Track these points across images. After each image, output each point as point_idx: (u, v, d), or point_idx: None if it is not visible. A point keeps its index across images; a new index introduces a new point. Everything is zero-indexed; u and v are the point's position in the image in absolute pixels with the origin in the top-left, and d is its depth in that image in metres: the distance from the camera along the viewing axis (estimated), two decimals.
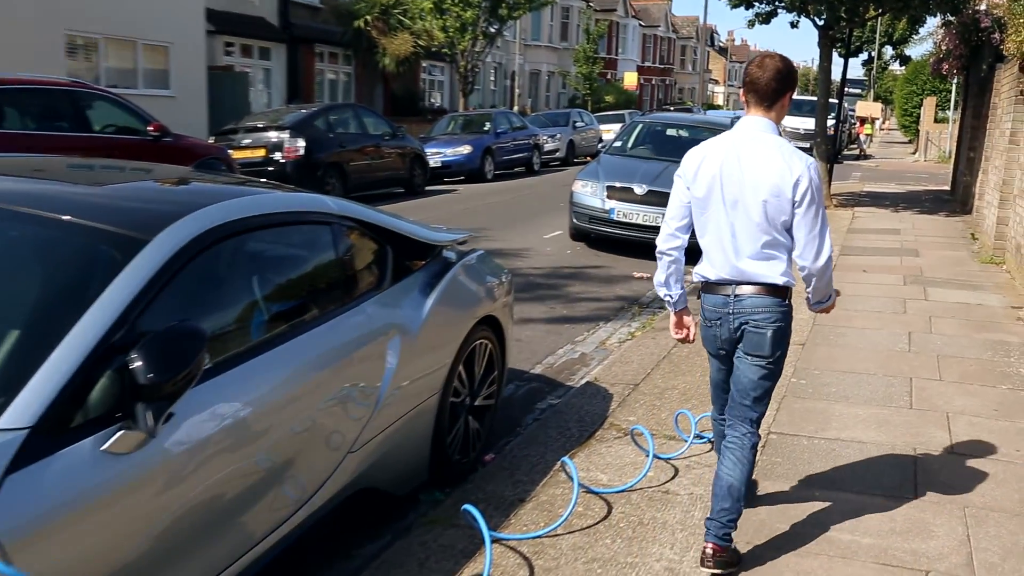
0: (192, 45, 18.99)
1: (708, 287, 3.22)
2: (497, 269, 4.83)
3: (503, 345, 4.56)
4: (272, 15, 23.93)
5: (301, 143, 13.71)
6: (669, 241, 3.27)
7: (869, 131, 33.16)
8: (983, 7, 13.60)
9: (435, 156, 18.81)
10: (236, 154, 13.27)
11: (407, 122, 22.74)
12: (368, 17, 25.50)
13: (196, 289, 2.72)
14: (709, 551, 3.14)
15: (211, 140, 14.35)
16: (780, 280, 3.08)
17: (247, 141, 13.93)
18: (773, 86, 3.10)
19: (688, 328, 3.42)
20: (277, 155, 13.65)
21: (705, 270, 3.22)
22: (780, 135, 3.16)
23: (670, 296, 3.36)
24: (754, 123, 3.13)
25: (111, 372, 2.26)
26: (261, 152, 13.73)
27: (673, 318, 3.43)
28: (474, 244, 5.14)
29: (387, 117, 19.33)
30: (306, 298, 3.28)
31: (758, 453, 3.34)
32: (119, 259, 2.51)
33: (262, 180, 4.10)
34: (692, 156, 3.22)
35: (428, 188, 17.39)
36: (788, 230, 3.07)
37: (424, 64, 31.14)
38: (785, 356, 3.20)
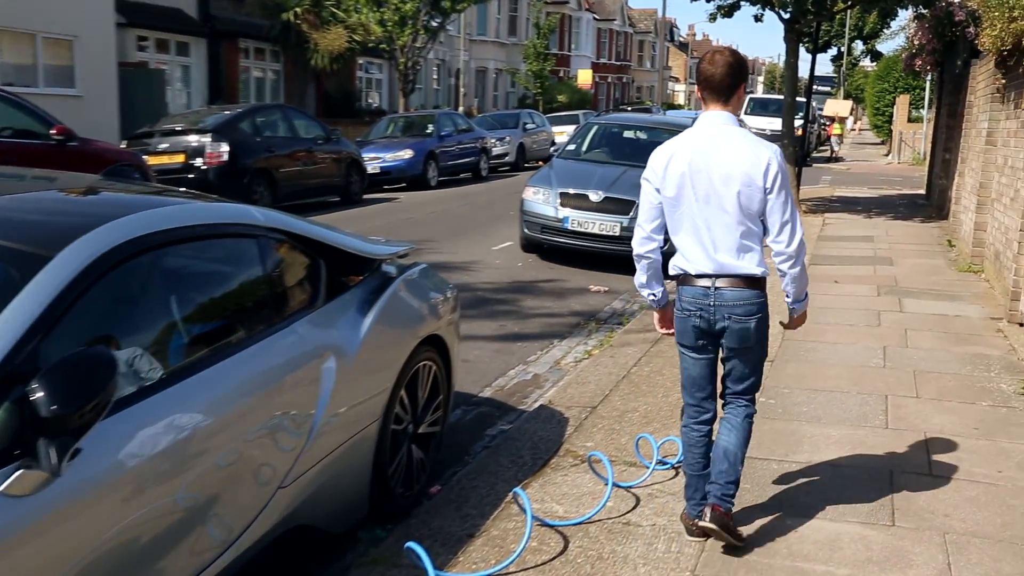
0: (100, 39, 18.69)
1: (686, 279, 3.51)
2: (442, 284, 4.84)
3: (449, 367, 4.56)
4: (191, 6, 23.71)
5: (224, 148, 13.58)
6: (644, 244, 3.58)
7: (839, 131, 33.85)
8: (957, 0, 14.02)
9: (373, 161, 18.78)
10: (151, 160, 13.09)
11: (342, 124, 22.62)
12: (298, 9, 25.39)
13: (106, 311, 2.68)
14: (708, 510, 3.54)
15: (123, 144, 14.16)
16: (758, 271, 3.43)
17: (164, 146, 13.76)
18: (727, 81, 3.45)
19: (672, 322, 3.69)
20: (198, 161, 13.51)
21: (683, 264, 3.52)
22: (741, 126, 3.53)
23: (654, 295, 3.69)
24: (715, 118, 3.48)
25: (8, 404, 2.21)
26: (180, 158, 13.57)
27: (658, 315, 3.80)
28: (416, 257, 5.14)
29: (320, 119, 19.24)
30: (231, 319, 3.25)
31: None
32: (17, 278, 2.47)
33: (181, 189, 4.06)
34: (658, 157, 3.54)
35: (366, 196, 17.34)
36: (760, 219, 3.42)
37: (360, 61, 31.07)
38: (767, 341, 3.58)
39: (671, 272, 3.58)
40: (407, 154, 19.61)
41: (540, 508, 3.99)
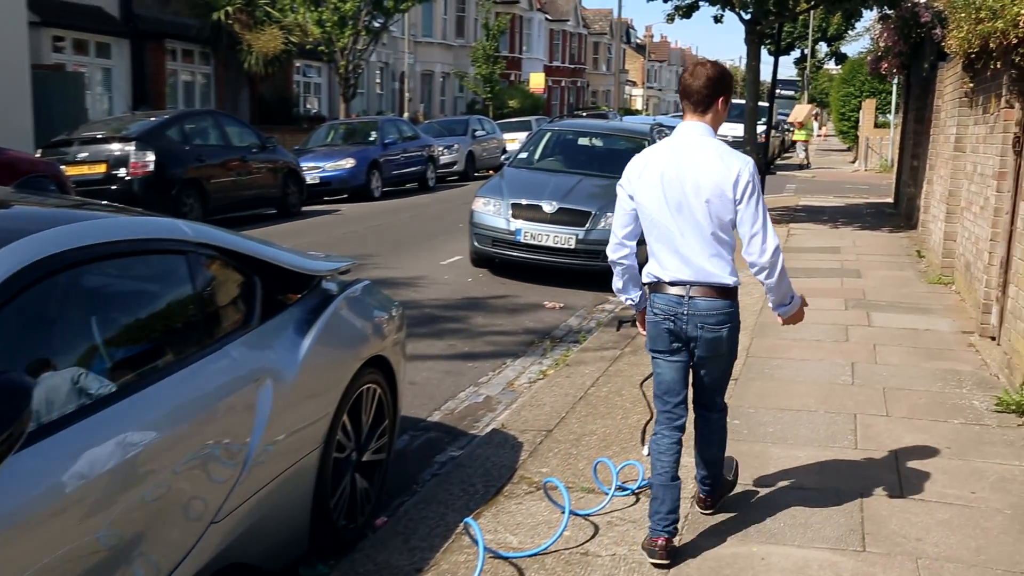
0: (10, 39, 18.32)
1: (659, 286, 3.80)
2: (386, 302, 4.83)
3: (395, 390, 4.56)
4: (112, 5, 23.44)
5: (150, 157, 13.44)
6: (618, 251, 3.91)
7: (804, 137, 34.29)
8: (922, 0, 14.36)
9: (312, 171, 18.70)
10: (69, 170, 12.86)
11: (279, 132, 22.49)
12: (229, 8, 25.23)
13: (19, 334, 2.64)
14: (697, 501, 4.26)
15: (38, 154, 13.91)
16: (730, 280, 3.71)
17: (83, 155, 13.58)
18: (704, 92, 3.75)
19: None
20: (121, 171, 13.35)
21: (656, 271, 3.81)
22: (715, 135, 3.81)
23: (631, 300, 4.02)
24: (691, 128, 3.79)
25: None
26: (101, 168, 13.40)
27: (639, 317, 4.10)
28: (359, 273, 5.12)
29: (255, 126, 19.12)
30: (158, 341, 3.22)
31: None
32: None
33: (102, 202, 4.01)
34: (633, 165, 3.85)
35: (305, 209, 17.25)
36: (732, 228, 3.71)
37: (298, 64, 30.95)
38: (736, 348, 3.89)
39: (644, 279, 3.89)
40: (349, 163, 19.55)
41: (493, 539, 3.99)
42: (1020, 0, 6.26)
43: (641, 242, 3.85)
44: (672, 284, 3.73)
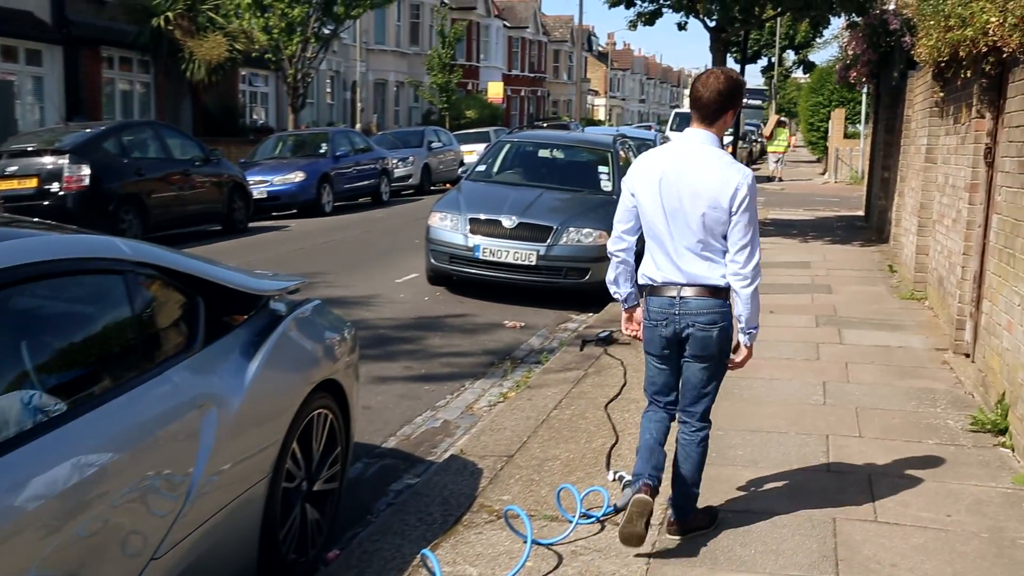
0: None
1: (653, 289, 4.09)
2: (338, 323, 4.82)
3: (348, 415, 4.54)
4: (43, 9, 23.18)
5: (86, 171, 13.29)
6: (616, 243, 4.21)
7: (781, 147, 34.49)
8: (891, 7, 14.62)
9: (260, 185, 18.61)
10: None
11: (224, 144, 22.35)
12: (169, 14, 25.05)
13: None
14: (671, 522, 4.32)
15: None
16: (721, 282, 3.97)
17: (13, 168, 13.42)
18: (713, 106, 3.99)
19: (640, 324, 4.24)
20: (54, 186, 13.19)
21: (651, 272, 4.09)
22: (721, 147, 4.06)
23: (619, 294, 4.28)
24: (696, 135, 4.04)
25: None
26: (32, 182, 13.24)
27: (624, 315, 4.37)
28: (309, 293, 5.10)
29: (198, 137, 19.01)
30: (93, 367, 3.18)
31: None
32: None
33: (33, 219, 3.96)
34: (638, 163, 4.15)
35: (252, 225, 17.15)
36: (725, 237, 3.95)
37: (244, 72, 30.81)
38: (725, 360, 4.13)
39: (640, 281, 4.17)
40: (298, 177, 19.46)
41: (452, 571, 3.98)
42: (990, 8, 6.39)
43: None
44: (665, 285, 4.03)
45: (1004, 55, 6.41)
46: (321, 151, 21.04)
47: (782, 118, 39.77)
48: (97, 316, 3.32)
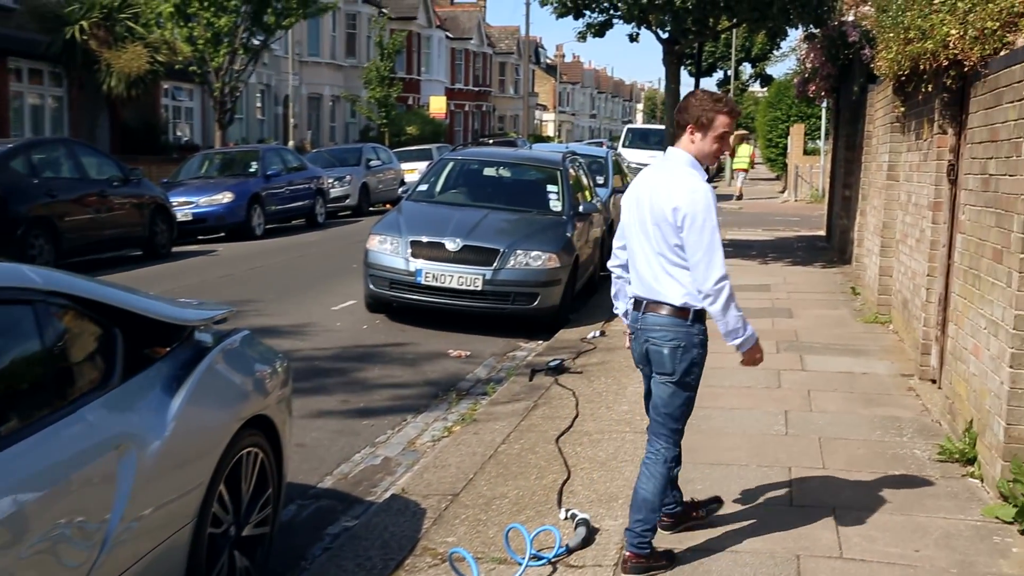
0: None
1: (634, 303, 4.47)
2: (269, 354, 4.78)
3: (280, 453, 4.50)
4: None
5: None
6: (613, 260, 4.70)
7: (743, 164, 34.87)
8: (850, 18, 14.90)
9: (184, 207, 18.48)
10: None
11: (144, 162, 22.12)
12: (84, 23, 24.78)
13: None
14: (626, 558, 4.39)
15: None
16: (679, 301, 4.28)
17: None
18: (677, 123, 4.42)
19: None
20: None
21: (631, 287, 4.51)
22: (690, 164, 4.35)
23: (617, 309, 4.73)
24: (670, 153, 4.48)
25: None
26: None
27: (627, 330, 4.62)
28: (238, 322, 5.06)
29: (116, 156, 18.82)
30: None
31: (674, 468, 4.56)
32: None
33: None
34: (634, 181, 4.59)
35: (176, 250, 16.99)
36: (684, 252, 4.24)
37: (166, 86, 30.58)
38: (692, 377, 4.37)
39: (629, 295, 4.58)
40: (226, 198, 19.33)
41: None
42: (950, 20, 6.54)
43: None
44: (636, 300, 4.44)
45: (965, 69, 6.56)
46: (251, 170, 20.94)
47: (743, 133, 40.32)
48: (3, 350, 3.25)
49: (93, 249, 14.99)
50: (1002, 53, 5.92)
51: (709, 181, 4.37)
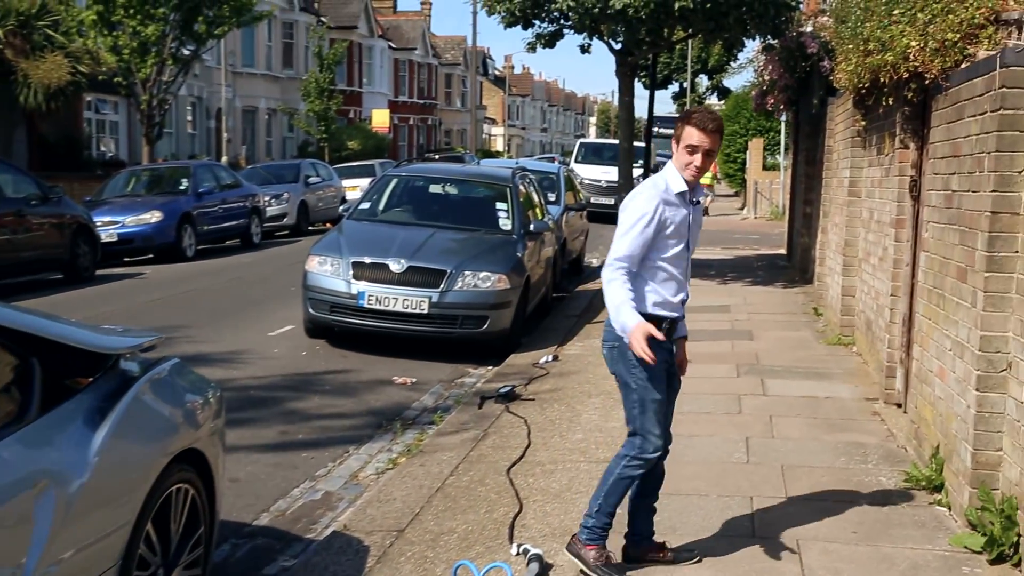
0: None
1: None
2: (200, 384, 4.75)
3: (212, 489, 4.47)
4: None
5: None
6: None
7: (706, 179, 35.26)
8: (809, 29, 15.13)
9: (109, 227, 18.31)
10: None
11: (66, 179, 21.91)
12: None
13: None
14: (573, 535, 4.85)
15: None
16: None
17: None
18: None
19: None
20: None
21: None
22: (664, 174, 4.70)
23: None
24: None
25: None
26: None
27: None
28: (167, 350, 5.01)
29: (34, 172, 18.64)
30: None
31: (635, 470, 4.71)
32: None
33: None
34: None
35: (100, 273, 16.82)
36: (641, 260, 4.62)
37: (89, 98, 30.29)
38: (634, 379, 4.60)
39: None
40: (154, 217, 19.18)
41: None
42: (910, 32, 6.66)
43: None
44: None
45: (926, 81, 6.68)
46: (181, 187, 20.79)
47: None
48: None
49: (9, 272, 14.80)
50: (963, 66, 6.03)
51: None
